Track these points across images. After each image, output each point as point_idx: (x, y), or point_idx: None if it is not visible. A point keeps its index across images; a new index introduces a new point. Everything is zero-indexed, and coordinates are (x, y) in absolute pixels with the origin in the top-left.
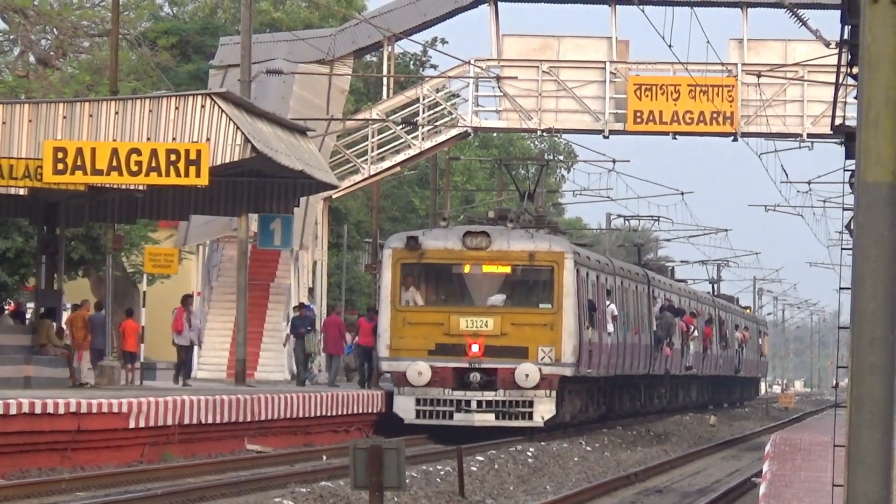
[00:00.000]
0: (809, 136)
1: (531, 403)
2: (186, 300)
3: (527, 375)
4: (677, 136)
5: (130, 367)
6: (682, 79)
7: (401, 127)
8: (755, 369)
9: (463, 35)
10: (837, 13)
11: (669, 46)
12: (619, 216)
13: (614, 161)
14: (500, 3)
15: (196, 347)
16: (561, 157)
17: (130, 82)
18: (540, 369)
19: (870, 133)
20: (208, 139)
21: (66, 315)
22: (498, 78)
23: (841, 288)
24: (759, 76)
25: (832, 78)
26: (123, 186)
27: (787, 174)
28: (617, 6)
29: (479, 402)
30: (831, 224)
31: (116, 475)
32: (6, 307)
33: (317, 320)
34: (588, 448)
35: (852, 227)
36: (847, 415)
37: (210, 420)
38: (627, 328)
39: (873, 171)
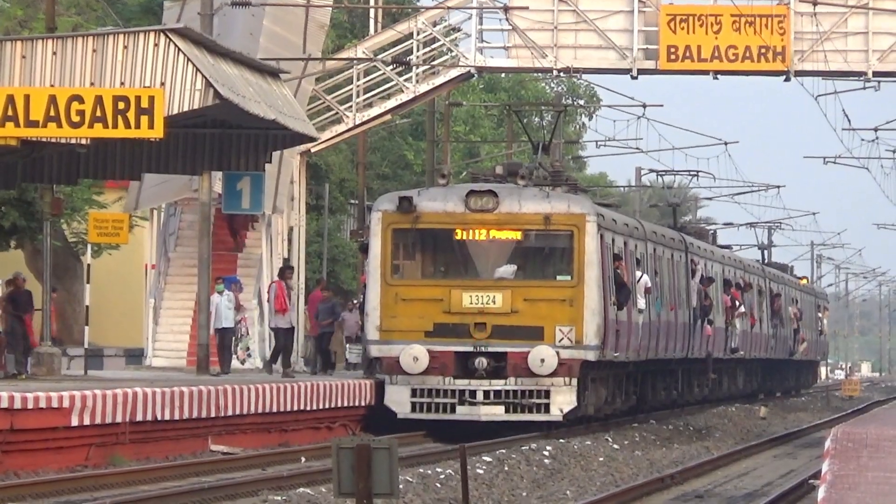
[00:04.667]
0: (875, 74)
1: (548, 394)
2: (287, 272)
3: (542, 360)
4: (719, 76)
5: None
6: (724, 8)
7: (391, 68)
8: (813, 351)
9: None
10: None
11: None
12: (651, 171)
13: (644, 106)
14: None
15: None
16: (581, 102)
17: (71, 17)
18: (558, 353)
19: None
20: (163, 84)
21: None
22: (506, 8)
23: None
24: (815, 4)
25: None
26: (63, 140)
27: (849, 120)
28: None
29: (486, 393)
30: None
31: (57, 482)
32: None
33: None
34: (615, 446)
35: None
36: None
37: (167, 416)
38: (662, 304)
39: None
